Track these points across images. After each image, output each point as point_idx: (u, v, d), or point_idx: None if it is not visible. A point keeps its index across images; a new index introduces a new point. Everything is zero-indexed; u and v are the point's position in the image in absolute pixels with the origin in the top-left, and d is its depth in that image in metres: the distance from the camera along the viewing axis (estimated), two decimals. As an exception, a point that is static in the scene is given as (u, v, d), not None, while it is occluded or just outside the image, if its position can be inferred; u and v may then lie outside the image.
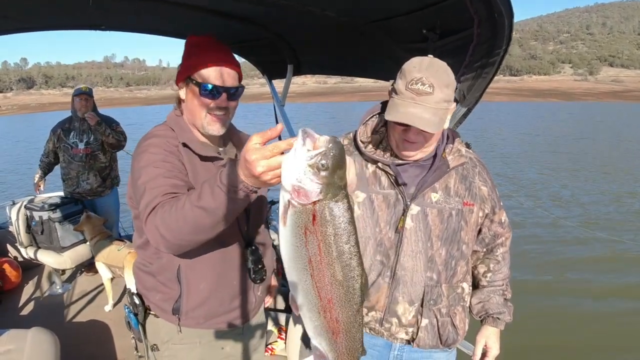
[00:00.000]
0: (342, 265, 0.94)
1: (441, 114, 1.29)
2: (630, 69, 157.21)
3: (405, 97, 1.29)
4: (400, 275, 1.47)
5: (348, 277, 0.95)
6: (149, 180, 1.27)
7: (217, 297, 1.52)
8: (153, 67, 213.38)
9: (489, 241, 1.62)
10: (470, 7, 1.49)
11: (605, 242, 7.04)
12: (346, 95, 75.91)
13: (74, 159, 4.00)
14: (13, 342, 2.07)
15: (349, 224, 0.93)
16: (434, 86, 1.26)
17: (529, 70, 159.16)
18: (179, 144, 1.41)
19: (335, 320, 0.99)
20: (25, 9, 2.03)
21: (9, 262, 3.90)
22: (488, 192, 1.52)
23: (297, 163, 0.88)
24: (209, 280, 1.49)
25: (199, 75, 1.38)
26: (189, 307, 1.50)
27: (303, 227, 0.90)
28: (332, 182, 0.89)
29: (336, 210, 0.91)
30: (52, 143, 4.05)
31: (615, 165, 14.71)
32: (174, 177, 1.29)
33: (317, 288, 0.95)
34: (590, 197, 10.66)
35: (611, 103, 59.21)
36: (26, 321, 3.39)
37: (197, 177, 1.39)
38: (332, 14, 1.93)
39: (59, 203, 3.90)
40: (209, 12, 2.17)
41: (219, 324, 1.56)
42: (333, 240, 0.92)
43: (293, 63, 2.90)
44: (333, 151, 0.88)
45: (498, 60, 1.65)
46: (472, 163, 1.53)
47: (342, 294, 0.96)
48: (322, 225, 0.90)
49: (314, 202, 0.89)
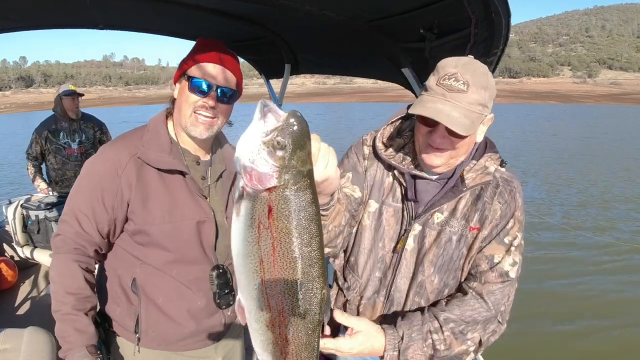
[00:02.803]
0: (299, 273, 0.78)
1: (474, 117, 1.13)
2: (629, 72, 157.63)
3: (436, 93, 1.14)
4: (396, 297, 1.38)
5: (305, 288, 0.79)
6: (68, 210, 1.36)
7: (178, 317, 1.43)
8: (152, 67, 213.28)
9: (472, 270, 1.32)
10: (467, 7, 1.49)
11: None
12: (345, 96, 75.91)
13: (69, 159, 4.01)
14: (9, 342, 2.05)
15: (312, 222, 0.77)
16: (469, 84, 1.11)
17: (528, 73, 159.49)
18: (130, 158, 1.34)
19: (285, 338, 0.83)
20: (24, 7, 2.02)
21: (5, 261, 3.88)
22: (501, 215, 1.27)
23: (251, 140, 0.75)
24: (168, 297, 1.41)
25: (193, 70, 1.34)
26: (148, 323, 1.41)
27: (257, 220, 0.76)
28: (291, 165, 0.74)
29: (296, 202, 0.75)
30: (39, 145, 3.98)
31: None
32: (88, 224, 1.33)
33: (267, 296, 0.79)
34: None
35: (610, 106, 59.34)
36: (22, 320, 3.37)
37: (147, 189, 1.35)
38: (330, 13, 1.93)
39: (56, 202, 3.89)
40: (207, 10, 2.17)
41: (187, 345, 1.47)
42: (290, 240, 0.76)
43: (291, 62, 2.90)
44: (293, 127, 0.73)
45: (495, 60, 1.65)
46: (495, 182, 1.29)
47: (296, 307, 0.80)
48: (278, 220, 0.75)
49: (269, 189, 0.75)
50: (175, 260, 1.39)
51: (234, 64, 1.39)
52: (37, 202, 3.87)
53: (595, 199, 10.54)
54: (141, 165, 1.34)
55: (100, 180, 1.33)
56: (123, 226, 1.38)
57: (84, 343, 1.29)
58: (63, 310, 1.30)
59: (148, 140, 1.37)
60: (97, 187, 1.32)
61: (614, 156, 16.88)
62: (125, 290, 1.41)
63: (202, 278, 1.43)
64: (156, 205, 1.35)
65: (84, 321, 1.31)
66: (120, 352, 1.46)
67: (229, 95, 1.36)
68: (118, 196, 1.32)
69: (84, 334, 1.30)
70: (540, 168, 14.48)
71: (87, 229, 1.33)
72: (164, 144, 1.37)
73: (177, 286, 1.41)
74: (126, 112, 44.12)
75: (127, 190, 1.32)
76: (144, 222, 1.34)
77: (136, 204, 1.33)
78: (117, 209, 1.33)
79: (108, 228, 1.36)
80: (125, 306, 1.42)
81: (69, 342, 1.29)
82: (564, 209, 9.69)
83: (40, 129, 4.01)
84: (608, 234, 7.77)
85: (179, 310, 1.42)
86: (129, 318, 1.42)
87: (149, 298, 1.40)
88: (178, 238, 1.37)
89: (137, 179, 1.33)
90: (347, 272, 1.49)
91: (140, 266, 1.39)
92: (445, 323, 1.24)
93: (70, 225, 1.34)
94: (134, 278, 1.39)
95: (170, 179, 1.37)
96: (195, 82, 1.32)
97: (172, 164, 1.36)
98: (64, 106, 4.02)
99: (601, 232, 7.91)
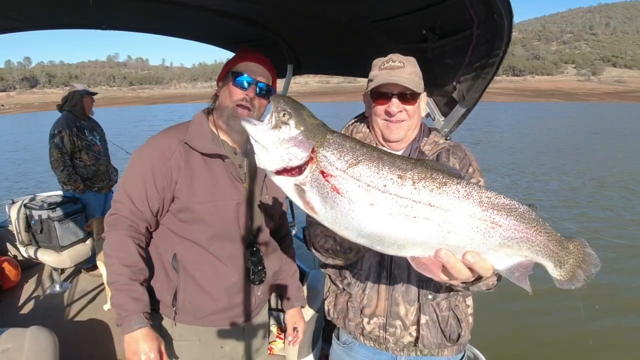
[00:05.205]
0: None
1: (417, 81, 1.40)
2: (633, 70, 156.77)
3: (382, 75, 1.39)
4: (397, 274, 1.44)
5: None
6: (121, 192, 1.50)
7: (213, 291, 1.54)
8: (156, 67, 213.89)
9: None
10: (469, 8, 1.49)
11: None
12: (349, 95, 75.91)
13: (100, 155, 4.11)
14: (12, 341, 2.06)
15: (364, 146, 0.84)
16: (404, 63, 1.39)
17: (532, 71, 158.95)
18: (179, 144, 1.50)
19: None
20: (27, 8, 2.03)
21: (8, 260, 3.91)
22: (460, 167, 1.46)
23: (263, 139, 0.80)
24: (205, 272, 1.53)
25: (237, 67, 1.55)
26: (185, 297, 1.52)
27: (329, 186, 0.80)
28: (307, 121, 0.81)
29: (338, 141, 0.82)
30: (70, 143, 3.91)
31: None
32: (141, 202, 1.48)
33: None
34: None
35: (614, 103, 59.02)
36: (25, 320, 3.39)
37: (193, 172, 1.50)
38: (332, 14, 1.92)
39: (59, 202, 3.91)
40: (210, 11, 2.17)
41: (217, 321, 1.58)
42: (365, 170, 0.82)
43: (293, 63, 2.90)
44: (281, 100, 0.81)
45: (497, 61, 1.63)
46: (446, 148, 1.49)
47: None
48: (341, 164, 0.81)
49: (310, 157, 0.80)
50: (215, 236, 1.53)
51: (269, 64, 1.60)
52: (40, 202, 3.89)
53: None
54: (188, 150, 1.51)
55: (152, 164, 1.48)
56: (170, 205, 1.53)
57: (141, 310, 1.40)
58: (120, 280, 1.41)
59: (193, 130, 1.55)
60: (149, 170, 1.48)
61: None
62: (165, 266, 1.54)
63: (237, 255, 1.58)
64: (201, 186, 1.51)
65: (139, 290, 1.43)
66: (159, 327, 1.57)
67: (265, 90, 1.55)
68: (167, 177, 1.48)
69: (139, 302, 1.42)
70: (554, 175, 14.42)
71: (140, 207, 1.48)
72: (207, 134, 1.55)
73: (214, 262, 1.54)
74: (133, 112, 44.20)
75: (175, 172, 1.48)
76: (189, 200, 1.49)
77: (183, 184, 1.49)
78: (166, 189, 1.49)
79: (158, 206, 1.51)
80: (164, 282, 1.55)
81: (126, 310, 1.39)
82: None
83: (67, 126, 3.91)
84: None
85: (214, 284, 1.54)
86: (168, 293, 1.54)
87: (188, 272, 1.53)
88: (219, 215, 1.52)
89: (184, 162, 1.49)
90: (345, 271, 1.54)
91: (181, 243, 1.53)
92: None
93: (124, 204, 1.48)
94: (175, 254, 1.53)
95: (212, 163, 1.53)
96: (238, 77, 1.52)
97: (215, 149, 1.52)
98: (84, 105, 4.05)
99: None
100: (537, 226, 0.85)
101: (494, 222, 0.82)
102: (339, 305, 1.55)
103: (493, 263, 0.87)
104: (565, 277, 0.91)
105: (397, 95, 1.38)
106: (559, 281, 0.92)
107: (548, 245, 0.87)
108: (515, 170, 13.96)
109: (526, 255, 0.86)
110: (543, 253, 0.87)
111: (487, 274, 0.88)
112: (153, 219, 1.53)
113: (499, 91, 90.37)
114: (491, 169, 13.69)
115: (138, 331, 1.37)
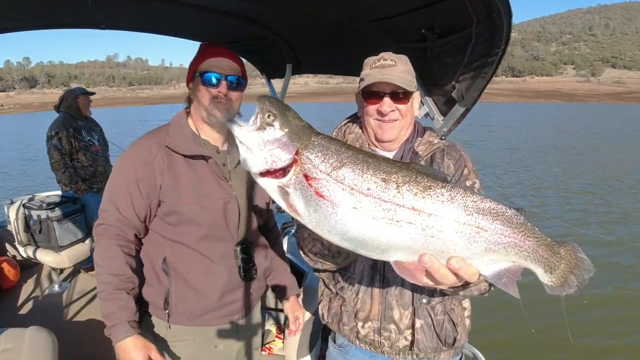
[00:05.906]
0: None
1: (409, 79, 1.37)
2: (632, 71, 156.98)
3: (373, 74, 1.37)
4: (391, 278, 1.42)
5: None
6: (107, 200, 1.51)
7: (205, 290, 1.55)
8: (155, 67, 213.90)
9: None
10: (469, 7, 1.49)
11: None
12: (348, 96, 75.60)
13: (98, 156, 4.08)
14: (11, 341, 2.06)
15: (349, 149, 0.83)
16: (396, 61, 1.37)
17: (532, 72, 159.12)
18: (159, 148, 1.50)
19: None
20: (26, 7, 2.03)
21: (7, 261, 3.90)
22: (455, 168, 1.43)
23: (248, 140, 0.80)
24: (196, 272, 1.53)
25: (202, 67, 1.52)
26: (177, 298, 1.53)
27: (312, 190, 0.81)
28: (292, 123, 0.81)
29: (323, 143, 0.82)
30: (68, 144, 3.89)
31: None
32: (127, 209, 1.48)
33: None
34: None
35: (614, 104, 59.10)
36: (24, 320, 3.39)
37: (177, 175, 1.51)
38: (332, 13, 1.92)
39: (58, 202, 3.89)
40: (210, 10, 2.17)
41: (211, 320, 1.58)
42: (352, 172, 0.81)
43: (292, 62, 2.90)
44: (267, 101, 0.81)
45: (497, 60, 1.63)
46: (441, 148, 1.47)
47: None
48: (324, 167, 0.81)
49: (294, 159, 0.80)
50: (204, 237, 1.53)
51: (234, 55, 1.57)
52: (39, 202, 3.87)
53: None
54: (169, 153, 1.51)
55: (135, 170, 1.48)
56: (157, 210, 1.53)
57: (127, 319, 1.42)
58: (107, 290, 1.43)
59: (173, 132, 1.54)
60: (132, 177, 1.48)
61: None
62: (156, 270, 1.55)
63: (227, 254, 1.59)
64: (186, 188, 1.51)
65: (125, 298, 1.44)
66: (154, 331, 1.58)
67: (236, 82, 1.54)
68: (151, 182, 1.48)
69: (126, 311, 1.43)
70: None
71: (126, 214, 1.49)
72: (188, 134, 1.55)
73: (205, 262, 1.54)
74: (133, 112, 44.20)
75: (159, 176, 1.48)
76: (176, 203, 1.50)
77: (168, 187, 1.49)
78: (151, 195, 1.49)
79: (145, 212, 1.51)
80: (156, 286, 1.56)
81: (113, 319, 1.41)
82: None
83: (63, 127, 3.89)
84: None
85: (206, 284, 1.55)
86: (160, 296, 1.55)
87: (179, 274, 1.53)
88: (206, 216, 1.52)
89: (167, 165, 1.49)
90: (338, 275, 1.52)
91: (171, 246, 1.54)
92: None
93: (111, 213, 1.49)
94: (165, 257, 1.53)
95: (195, 164, 1.53)
96: (206, 77, 1.49)
97: (197, 150, 1.52)
98: (79, 105, 4.02)
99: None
100: (525, 230, 0.83)
101: (479, 227, 0.81)
102: (333, 310, 1.54)
103: (479, 268, 0.85)
104: (556, 283, 0.89)
105: (389, 94, 1.36)
106: (549, 287, 0.90)
107: (537, 250, 0.85)
108: (515, 170, 13.97)
109: (514, 261, 0.85)
110: (532, 258, 0.85)
111: (473, 279, 0.86)
112: (141, 225, 1.53)
113: (498, 92, 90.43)
114: (490, 167, 13.70)
115: (126, 340, 1.40)
